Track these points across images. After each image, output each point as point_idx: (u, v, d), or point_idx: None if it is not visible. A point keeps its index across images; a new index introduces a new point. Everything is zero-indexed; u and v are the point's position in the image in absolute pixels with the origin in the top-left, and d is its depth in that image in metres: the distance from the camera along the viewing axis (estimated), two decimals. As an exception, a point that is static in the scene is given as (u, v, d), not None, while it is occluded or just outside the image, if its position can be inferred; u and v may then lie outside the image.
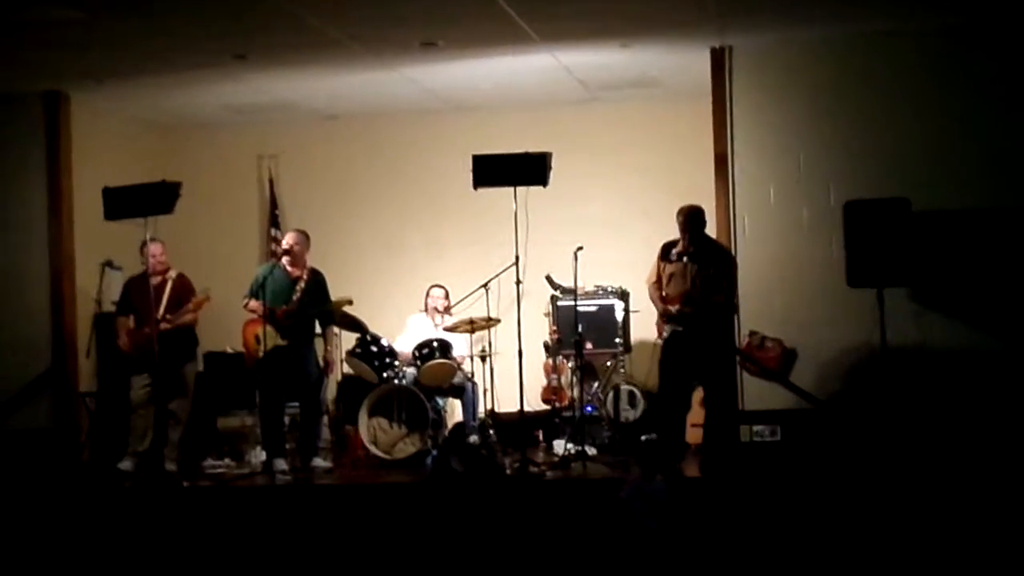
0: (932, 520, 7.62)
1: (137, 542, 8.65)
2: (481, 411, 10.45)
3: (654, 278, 9.21)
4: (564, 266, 10.07)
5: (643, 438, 10.30)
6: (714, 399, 9.03)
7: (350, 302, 9.80)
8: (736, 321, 9.56)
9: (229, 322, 10.61)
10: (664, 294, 9.06)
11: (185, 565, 8.42)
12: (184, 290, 9.74)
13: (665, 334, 9.12)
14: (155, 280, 9.68)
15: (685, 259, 9.00)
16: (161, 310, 9.60)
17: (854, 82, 9.61)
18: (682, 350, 8.95)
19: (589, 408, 10.59)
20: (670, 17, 8.95)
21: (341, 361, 10.46)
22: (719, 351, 9.05)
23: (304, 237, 9.91)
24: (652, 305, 9.25)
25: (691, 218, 9.02)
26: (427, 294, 11.01)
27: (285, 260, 9.80)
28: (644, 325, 10.21)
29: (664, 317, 9.11)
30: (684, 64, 10.23)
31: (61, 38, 8.74)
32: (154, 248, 9.69)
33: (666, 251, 9.17)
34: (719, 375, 9.07)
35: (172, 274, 9.82)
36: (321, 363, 9.95)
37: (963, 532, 7.47)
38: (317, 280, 9.81)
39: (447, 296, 10.96)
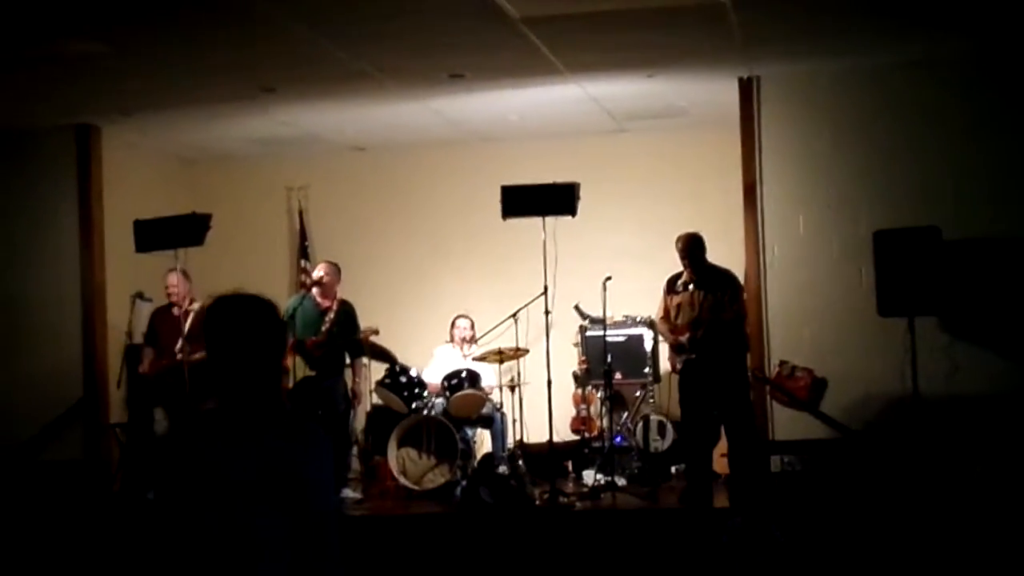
0: (961, 547, 7.57)
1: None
2: (510, 441, 10.44)
3: (662, 313, 9.23)
4: (593, 296, 10.07)
5: (672, 469, 10.29)
6: (735, 427, 9.02)
7: (376, 332, 9.81)
8: (766, 350, 9.54)
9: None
10: (674, 326, 9.07)
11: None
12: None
13: (679, 365, 9.12)
14: (176, 311, 9.72)
15: (691, 287, 9.01)
16: (179, 342, 9.57)
17: (882, 111, 9.60)
18: (698, 379, 8.95)
19: (618, 438, 10.56)
20: (697, 48, 8.96)
21: (370, 391, 10.47)
22: (733, 379, 9.04)
23: (334, 268, 9.95)
24: (664, 340, 9.27)
25: (690, 245, 9.05)
26: (453, 324, 11.04)
27: (315, 291, 9.85)
28: (673, 355, 10.22)
29: (675, 348, 9.12)
30: (712, 94, 10.24)
31: (89, 72, 8.82)
32: (171, 278, 9.73)
33: (671, 284, 9.20)
34: (736, 403, 9.05)
35: (195, 306, 9.73)
36: (349, 394, 9.96)
37: (990, 557, 7.42)
38: (346, 311, 9.84)
39: (472, 326, 10.99)
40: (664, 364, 10.85)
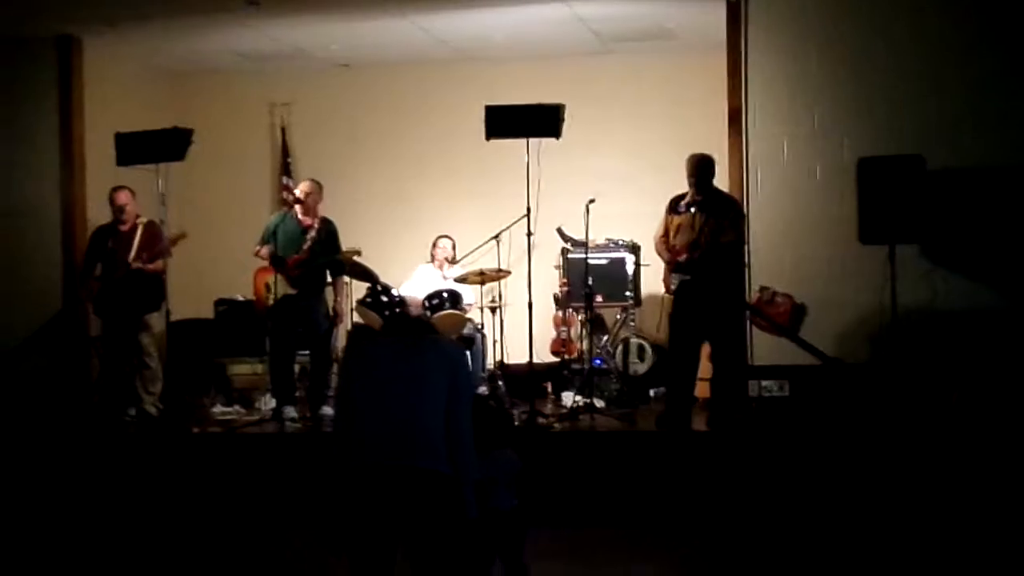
0: (938, 474, 7.65)
1: (145, 487, 8.72)
2: (490, 362, 10.48)
3: (661, 232, 9.17)
4: (575, 219, 10.05)
5: (651, 392, 10.34)
6: (722, 353, 9.02)
7: (358, 253, 9.78)
8: (747, 276, 9.55)
9: (240, 269, 10.61)
10: (672, 245, 9.03)
11: (194, 510, 8.49)
12: (154, 237, 9.72)
13: (673, 286, 9.09)
14: (124, 227, 9.81)
15: (693, 209, 8.95)
16: (131, 256, 9.71)
17: (871, 37, 9.52)
18: (691, 302, 8.93)
19: (598, 361, 10.60)
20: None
21: (351, 310, 10.46)
22: (728, 306, 9.02)
23: (317, 186, 9.89)
24: (660, 259, 9.25)
25: (700, 166, 8.96)
26: (434, 244, 11.02)
27: (297, 209, 9.80)
28: (654, 279, 10.21)
29: (671, 267, 9.07)
30: (699, 16, 10.17)
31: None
32: (123, 196, 9.84)
33: (674, 204, 9.12)
34: (728, 329, 9.05)
35: (142, 220, 9.87)
36: (331, 313, 9.95)
37: (968, 483, 7.49)
38: (328, 229, 9.80)
39: (454, 246, 10.98)
40: (645, 288, 10.89)
